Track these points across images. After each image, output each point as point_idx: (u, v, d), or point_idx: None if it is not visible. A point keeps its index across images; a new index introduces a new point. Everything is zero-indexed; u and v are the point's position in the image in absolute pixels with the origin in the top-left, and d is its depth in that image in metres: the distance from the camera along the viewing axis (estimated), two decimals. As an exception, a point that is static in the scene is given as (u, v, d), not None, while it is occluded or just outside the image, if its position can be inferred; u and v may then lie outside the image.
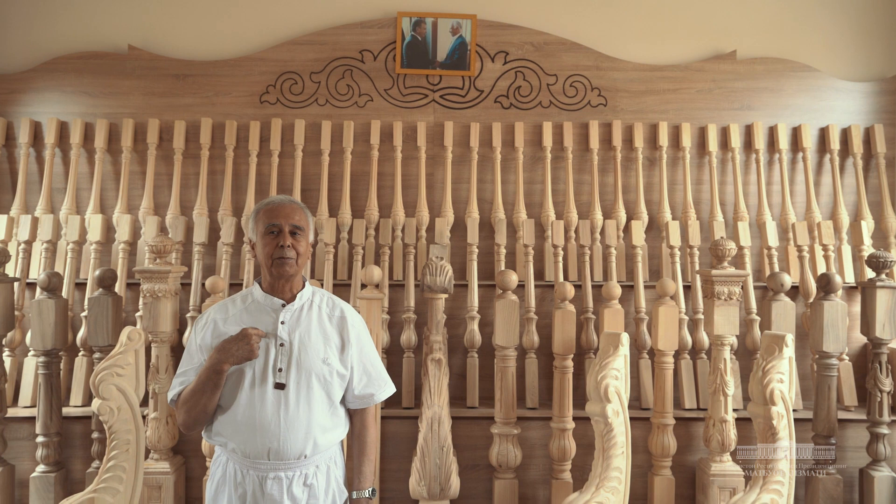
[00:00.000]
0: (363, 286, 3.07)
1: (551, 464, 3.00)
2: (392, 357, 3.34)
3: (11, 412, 3.10)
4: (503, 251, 3.61)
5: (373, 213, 3.72)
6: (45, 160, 3.80)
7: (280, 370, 1.74)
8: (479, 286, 3.45)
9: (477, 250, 3.56)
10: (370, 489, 1.90)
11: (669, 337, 2.97)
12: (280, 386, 1.73)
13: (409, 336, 3.29)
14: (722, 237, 3.00)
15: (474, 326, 3.31)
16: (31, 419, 3.07)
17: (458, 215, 3.82)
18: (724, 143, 3.94)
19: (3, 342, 3.12)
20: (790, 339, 2.50)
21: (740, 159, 3.91)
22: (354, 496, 1.88)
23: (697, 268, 3.52)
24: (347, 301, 3.38)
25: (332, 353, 1.80)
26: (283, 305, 1.81)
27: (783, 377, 2.50)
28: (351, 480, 1.91)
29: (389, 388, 1.93)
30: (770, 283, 3.06)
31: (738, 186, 3.84)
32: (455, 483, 2.81)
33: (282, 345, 1.76)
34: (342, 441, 1.91)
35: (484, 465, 3.11)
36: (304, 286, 1.87)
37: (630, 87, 3.96)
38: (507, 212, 3.80)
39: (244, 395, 1.73)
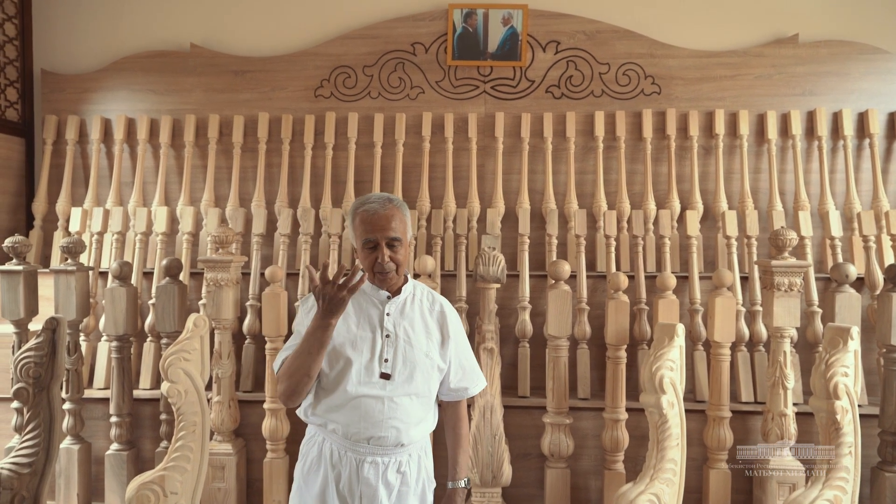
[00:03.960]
0: (416, 276, 3.12)
1: (604, 454, 3.00)
2: (444, 346, 3.37)
3: (87, 393, 3.29)
4: (555, 241, 3.60)
5: (424, 204, 3.77)
6: (114, 155, 4.00)
7: (386, 360, 1.78)
8: (530, 276, 3.46)
9: (528, 241, 3.56)
10: (466, 479, 1.96)
11: (726, 328, 2.91)
12: (386, 376, 1.77)
13: (460, 325, 3.32)
14: (782, 226, 2.91)
15: (525, 316, 3.33)
16: (105, 400, 3.26)
17: (509, 206, 3.83)
18: (784, 131, 3.81)
19: (80, 327, 3.30)
20: (856, 331, 2.41)
21: (801, 146, 3.79)
22: (450, 486, 1.93)
23: (755, 258, 3.43)
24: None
25: (433, 347, 1.84)
26: (389, 297, 1.84)
27: (848, 371, 2.41)
28: (449, 471, 1.96)
29: (482, 382, 1.97)
30: (834, 274, 2.96)
31: (799, 175, 3.72)
32: (507, 471, 2.84)
33: (388, 336, 1.80)
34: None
35: (535, 454, 3.12)
36: (406, 280, 1.90)
37: (685, 74, 3.88)
38: (558, 202, 3.79)
39: (351, 381, 1.76)
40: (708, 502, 2.92)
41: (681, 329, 2.55)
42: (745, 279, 3.44)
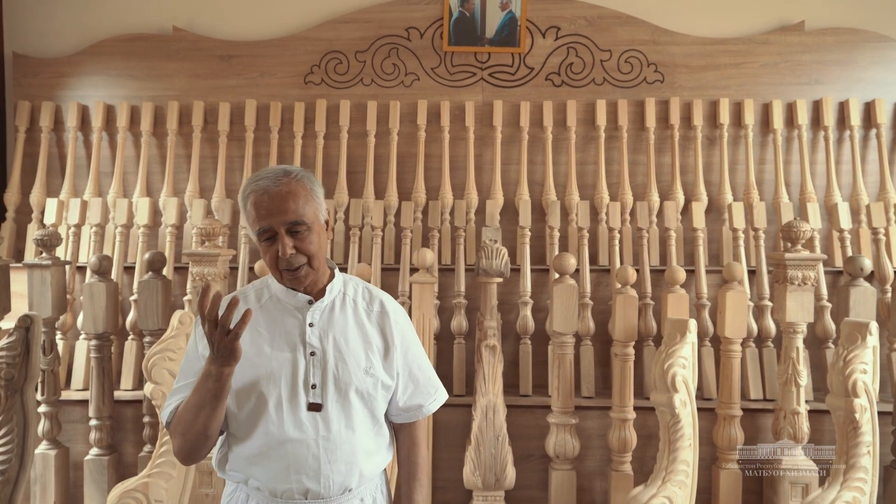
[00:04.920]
0: (412, 270, 2.98)
1: (610, 455, 2.89)
2: (442, 343, 3.25)
3: (65, 395, 3.12)
4: (556, 234, 3.48)
5: (420, 195, 3.63)
6: (92, 144, 3.80)
7: (314, 387, 1.39)
8: (531, 271, 3.34)
9: (529, 233, 3.44)
10: None
11: (737, 324, 2.81)
12: (315, 407, 1.39)
13: (459, 322, 3.19)
14: (796, 218, 2.82)
15: (527, 312, 3.21)
16: (84, 402, 3.08)
17: (508, 198, 3.70)
18: (790, 120, 3.72)
19: (56, 325, 3.12)
20: (874, 326, 2.34)
21: (807, 137, 3.70)
22: None
23: (763, 252, 3.34)
24: (396, 287, 3.31)
25: (376, 359, 1.46)
26: (311, 302, 1.44)
27: (867, 367, 2.33)
28: None
29: (441, 396, 1.57)
30: (848, 268, 2.87)
31: (806, 166, 3.63)
32: (511, 473, 2.71)
33: (313, 354, 1.41)
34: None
35: (538, 455, 3.01)
36: (333, 275, 1.49)
37: (689, 62, 3.77)
38: (558, 194, 3.66)
39: (270, 421, 1.38)
40: (718, 503, 2.82)
41: (693, 325, 2.45)
42: (751, 273, 3.35)
